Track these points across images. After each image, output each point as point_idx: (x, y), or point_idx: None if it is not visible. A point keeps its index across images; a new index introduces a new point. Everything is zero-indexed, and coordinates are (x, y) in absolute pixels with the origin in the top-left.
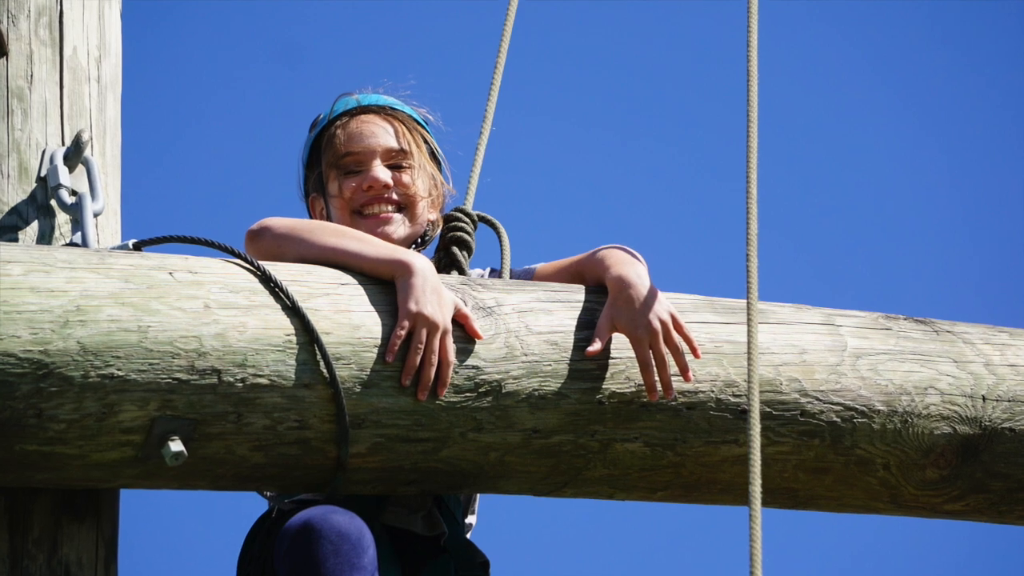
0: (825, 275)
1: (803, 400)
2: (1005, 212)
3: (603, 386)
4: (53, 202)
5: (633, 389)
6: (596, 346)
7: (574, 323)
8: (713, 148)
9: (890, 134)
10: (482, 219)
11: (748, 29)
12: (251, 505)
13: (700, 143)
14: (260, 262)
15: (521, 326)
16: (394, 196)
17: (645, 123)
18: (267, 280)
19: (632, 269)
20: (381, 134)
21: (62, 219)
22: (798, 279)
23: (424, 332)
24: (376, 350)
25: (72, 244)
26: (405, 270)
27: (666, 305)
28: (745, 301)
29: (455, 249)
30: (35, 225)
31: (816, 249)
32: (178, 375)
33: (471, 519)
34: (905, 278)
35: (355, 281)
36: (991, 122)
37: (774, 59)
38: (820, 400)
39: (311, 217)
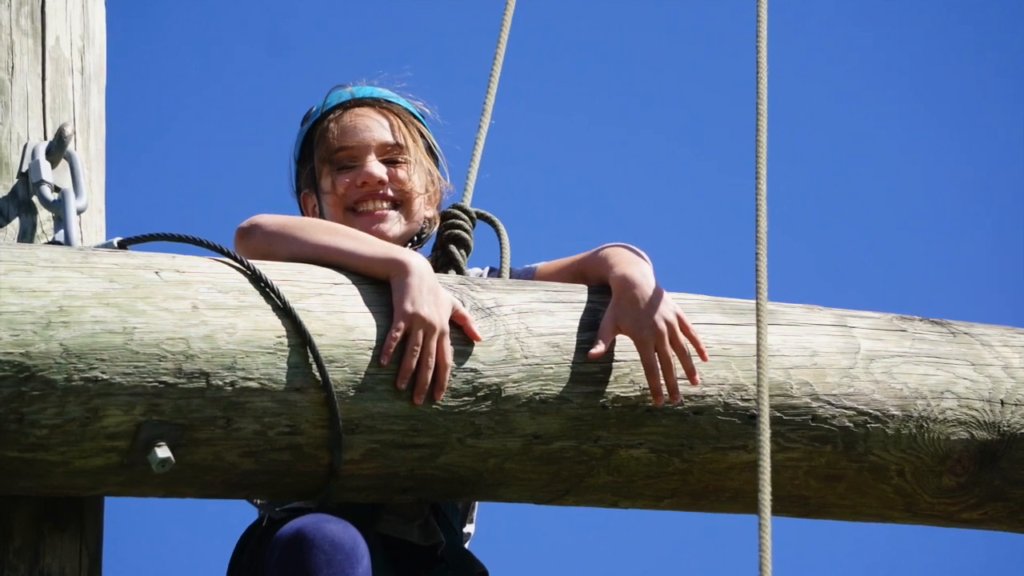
0: (837, 274)
1: (814, 404)
2: None
3: (606, 390)
4: (35, 198)
5: (638, 393)
6: (599, 348)
7: (576, 324)
8: (721, 143)
9: (904, 128)
10: (481, 216)
11: (758, 19)
12: (241, 514)
13: (707, 137)
14: (250, 261)
15: (521, 327)
16: (389, 192)
17: (650, 116)
18: (257, 280)
19: (637, 268)
20: (376, 128)
21: (44, 216)
22: (809, 279)
23: (421, 334)
24: (371, 352)
25: (54, 242)
26: (401, 269)
27: (672, 306)
28: (754, 301)
29: (453, 247)
30: (16, 222)
31: (828, 247)
32: (165, 378)
33: (469, 528)
34: (921, 277)
35: (349, 281)
36: (1008, 117)
37: (785, 51)
38: (832, 404)
39: (303, 214)
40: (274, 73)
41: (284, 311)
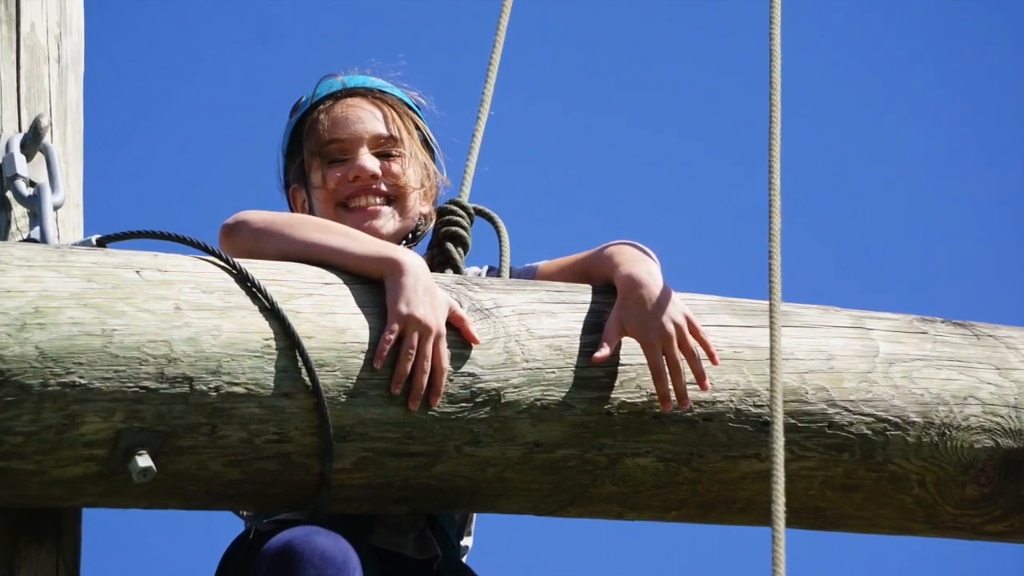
0: (855, 274)
1: (831, 411)
2: None
3: (612, 395)
4: (9, 194)
5: (644, 399)
6: (604, 351)
7: (580, 326)
8: (732, 136)
9: (923, 123)
10: (479, 212)
11: (771, 7)
12: (226, 525)
13: (718, 131)
14: (236, 259)
15: (522, 329)
16: (383, 187)
17: (658, 108)
18: (243, 279)
19: (643, 267)
20: (368, 119)
21: (19, 212)
22: (825, 278)
23: (416, 336)
24: (363, 356)
25: (30, 240)
26: (395, 268)
27: (680, 307)
28: (767, 302)
29: (450, 245)
30: None
31: (844, 246)
32: (146, 383)
33: (467, 541)
34: (942, 277)
35: (340, 280)
36: None
37: (799, 42)
38: (849, 411)
39: (292, 210)
40: (262, 61)
41: (272, 312)
